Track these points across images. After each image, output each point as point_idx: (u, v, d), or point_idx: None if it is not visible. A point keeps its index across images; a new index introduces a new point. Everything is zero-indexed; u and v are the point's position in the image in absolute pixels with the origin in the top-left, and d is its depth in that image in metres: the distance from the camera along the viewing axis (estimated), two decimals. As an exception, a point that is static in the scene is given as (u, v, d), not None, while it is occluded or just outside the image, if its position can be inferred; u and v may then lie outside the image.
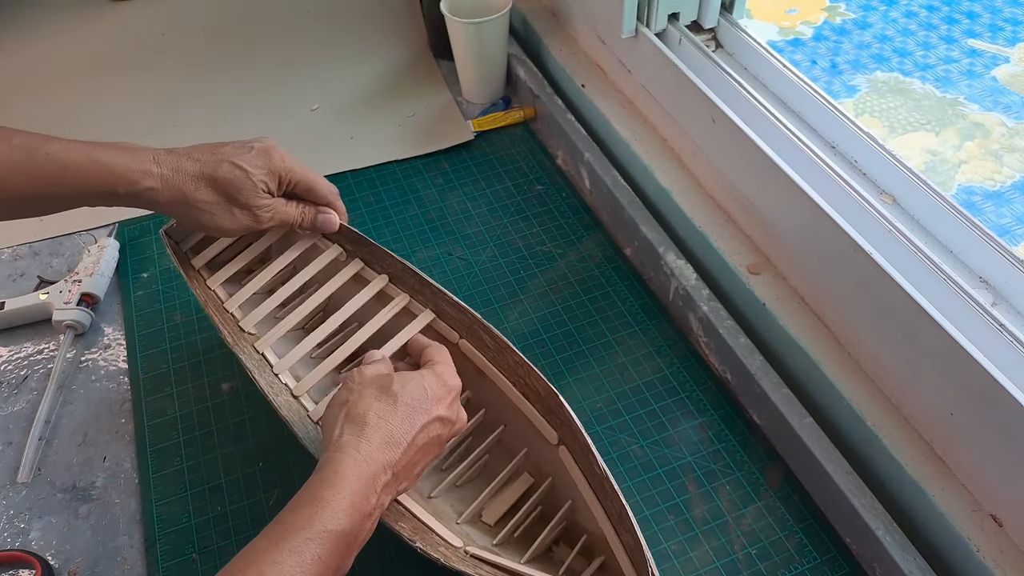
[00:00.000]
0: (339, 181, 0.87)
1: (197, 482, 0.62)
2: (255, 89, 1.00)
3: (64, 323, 0.71)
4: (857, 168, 0.67)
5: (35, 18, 1.13)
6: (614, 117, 0.84)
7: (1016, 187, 1.45)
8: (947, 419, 0.53)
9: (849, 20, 1.87)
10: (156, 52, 1.07)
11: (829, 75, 1.71)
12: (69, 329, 0.71)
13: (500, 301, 0.74)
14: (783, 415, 0.60)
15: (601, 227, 0.81)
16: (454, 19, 0.88)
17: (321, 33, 1.09)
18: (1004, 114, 1.60)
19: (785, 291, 0.67)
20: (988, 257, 0.56)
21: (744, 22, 0.78)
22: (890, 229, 0.58)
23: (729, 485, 0.61)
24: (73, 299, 0.72)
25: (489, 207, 0.84)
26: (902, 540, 0.53)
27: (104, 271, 0.75)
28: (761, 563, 0.57)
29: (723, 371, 0.68)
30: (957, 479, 0.54)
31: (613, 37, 0.84)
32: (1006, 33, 1.81)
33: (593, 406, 0.66)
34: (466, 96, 0.97)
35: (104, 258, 0.76)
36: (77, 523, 0.61)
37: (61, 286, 0.73)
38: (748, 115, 0.69)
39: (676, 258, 0.72)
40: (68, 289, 0.73)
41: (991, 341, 0.51)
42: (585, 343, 0.71)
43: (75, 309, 0.72)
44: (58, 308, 0.72)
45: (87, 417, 0.67)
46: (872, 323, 0.58)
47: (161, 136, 0.93)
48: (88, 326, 0.73)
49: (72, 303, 0.72)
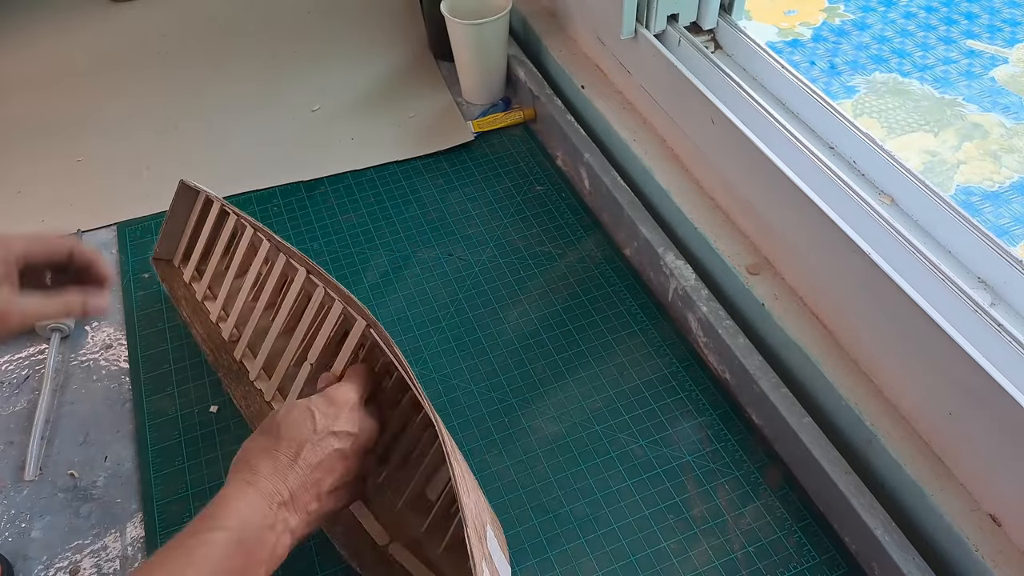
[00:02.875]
0: (339, 181, 0.87)
1: (198, 482, 0.62)
2: (256, 90, 1.00)
3: (48, 326, 0.71)
4: (856, 169, 0.67)
5: (35, 18, 1.14)
6: (613, 118, 0.84)
7: (1014, 187, 1.46)
8: (946, 419, 0.54)
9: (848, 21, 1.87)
10: (156, 52, 1.07)
11: (828, 76, 1.72)
12: (55, 332, 0.72)
13: (500, 301, 0.75)
14: (782, 415, 0.60)
15: (601, 227, 0.81)
16: (454, 20, 0.89)
17: (322, 34, 1.09)
18: (1003, 115, 1.61)
19: (784, 291, 0.67)
20: (986, 257, 0.56)
21: (743, 23, 0.79)
22: (889, 230, 0.58)
23: (728, 484, 0.61)
24: None
25: (489, 207, 0.84)
26: (901, 539, 0.53)
27: None
28: (760, 562, 0.57)
29: (722, 371, 0.68)
30: (956, 478, 0.54)
31: (612, 38, 0.84)
32: (1004, 34, 1.82)
33: (593, 406, 0.66)
34: (466, 97, 0.98)
35: None
36: (78, 523, 0.61)
37: None
38: (747, 116, 0.69)
39: (675, 258, 0.72)
40: None
41: (989, 341, 0.51)
42: (585, 343, 0.71)
43: None
44: None
45: (88, 417, 0.67)
46: (870, 323, 0.58)
47: (162, 136, 0.93)
48: (72, 327, 0.73)
49: None
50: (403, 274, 0.77)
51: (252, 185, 0.87)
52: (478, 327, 0.72)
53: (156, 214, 0.84)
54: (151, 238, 0.81)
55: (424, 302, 0.75)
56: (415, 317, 0.74)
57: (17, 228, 0.82)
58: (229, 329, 0.69)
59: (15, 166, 0.90)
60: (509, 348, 0.71)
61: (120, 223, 0.83)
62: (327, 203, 0.85)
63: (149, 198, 0.85)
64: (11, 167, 0.90)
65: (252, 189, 0.86)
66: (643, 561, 0.57)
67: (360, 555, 0.55)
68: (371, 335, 0.57)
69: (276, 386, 0.64)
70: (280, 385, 0.64)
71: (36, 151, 0.92)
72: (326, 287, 0.61)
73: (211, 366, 0.68)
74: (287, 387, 0.63)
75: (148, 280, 0.77)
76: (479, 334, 0.72)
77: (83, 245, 0.61)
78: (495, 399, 0.67)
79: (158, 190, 0.86)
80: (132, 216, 0.84)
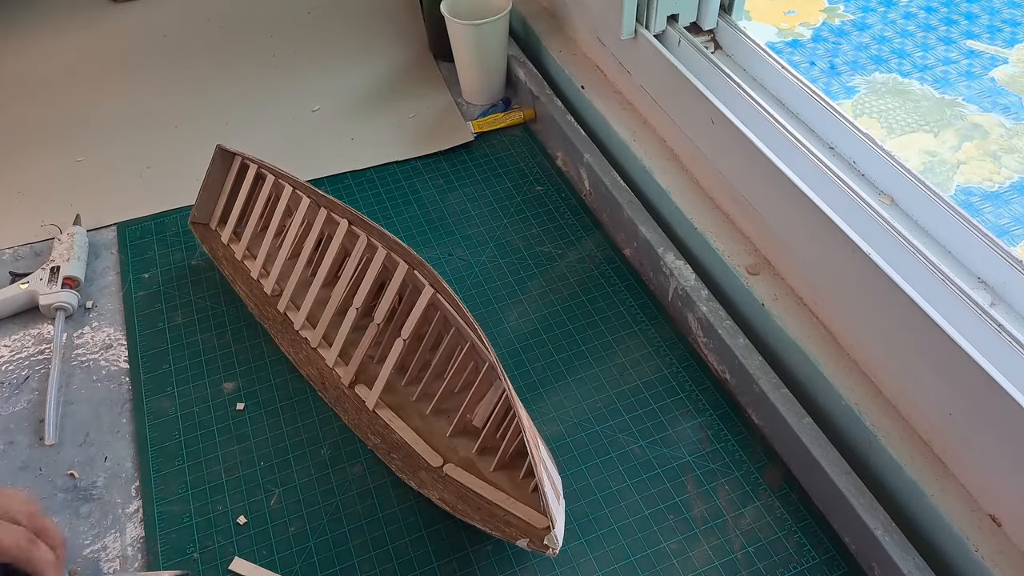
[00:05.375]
0: (339, 181, 0.87)
1: (198, 482, 0.62)
2: (256, 90, 1.00)
3: (53, 306, 0.73)
4: (856, 169, 0.67)
5: (35, 18, 1.14)
6: (613, 118, 0.84)
7: (1014, 188, 1.46)
8: (946, 419, 0.54)
9: (848, 22, 1.87)
10: (157, 53, 1.07)
11: (828, 76, 1.72)
12: (59, 311, 0.73)
13: (500, 301, 0.75)
14: (782, 415, 0.60)
15: (600, 228, 0.81)
16: (454, 20, 0.89)
17: (322, 34, 1.09)
18: (1003, 115, 1.61)
19: (784, 291, 0.67)
20: (986, 257, 0.56)
21: (743, 23, 0.79)
22: (889, 230, 0.58)
23: (728, 485, 0.61)
24: (56, 283, 0.74)
25: (489, 208, 0.84)
26: (901, 540, 0.53)
27: (80, 255, 0.77)
28: (760, 562, 0.57)
29: (722, 371, 0.68)
30: (956, 479, 0.54)
31: (612, 39, 0.84)
32: (1004, 34, 1.82)
33: (593, 406, 0.66)
34: (466, 97, 0.98)
35: (77, 243, 0.78)
36: (78, 523, 0.61)
37: (39, 274, 0.75)
38: (747, 116, 0.69)
39: (675, 258, 0.72)
40: (46, 276, 0.75)
41: (989, 341, 0.51)
42: (585, 343, 0.71)
43: (62, 291, 0.73)
44: (43, 293, 0.73)
45: (88, 417, 0.67)
46: (870, 323, 0.58)
47: (162, 136, 0.93)
48: (76, 306, 0.74)
49: (56, 287, 0.74)
50: (403, 274, 0.77)
51: (252, 185, 0.87)
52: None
53: (156, 214, 0.84)
54: (152, 238, 0.81)
55: (424, 302, 0.75)
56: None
57: (18, 228, 0.83)
58: (271, 285, 0.73)
59: (15, 166, 0.90)
60: (509, 348, 0.71)
61: (120, 223, 0.83)
62: (327, 203, 0.85)
63: (149, 198, 0.85)
64: (11, 167, 0.90)
65: (252, 189, 0.86)
66: (643, 561, 0.57)
67: (417, 476, 0.59)
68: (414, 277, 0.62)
69: (322, 334, 0.69)
70: (325, 333, 0.69)
71: (36, 151, 0.92)
72: (368, 235, 0.66)
73: (256, 319, 0.72)
74: (332, 335, 0.68)
75: (148, 280, 0.77)
76: (479, 334, 0.72)
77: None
78: (495, 399, 0.67)
79: (158, 190, 0.86)
80: (132, 216, 0.84)
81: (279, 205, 0.73)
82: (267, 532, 0.59)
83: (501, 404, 0.60)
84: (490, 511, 0.56)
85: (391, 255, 0.64)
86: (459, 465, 0.60)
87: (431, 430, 0.63)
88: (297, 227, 0.72)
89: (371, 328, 0.65)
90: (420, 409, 0.64)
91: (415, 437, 0.62)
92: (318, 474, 0.62)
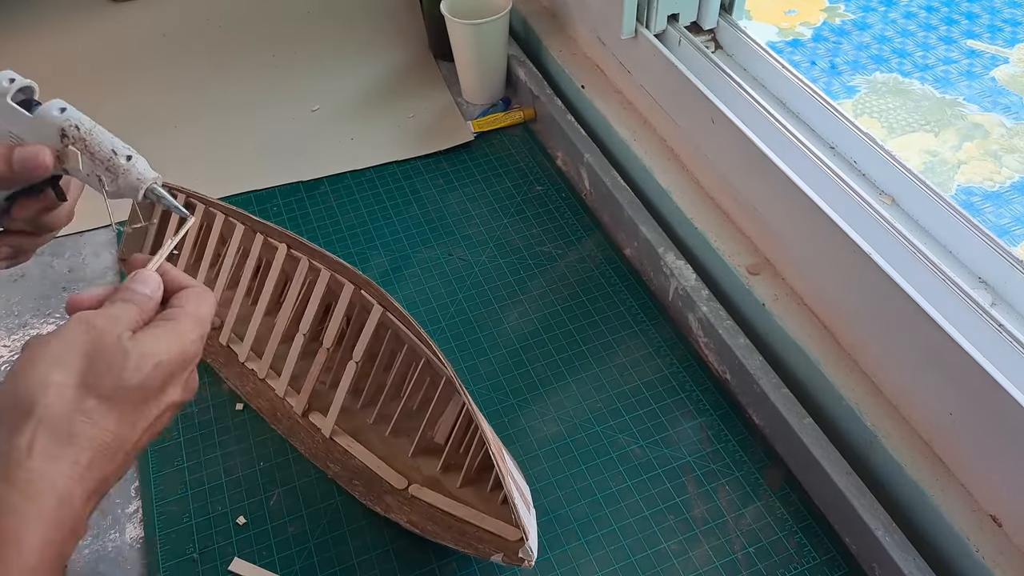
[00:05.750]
0: (339, 181, 0.87)
1: (197, 482, 0.62)
2: (256, 90, 1.00)
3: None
4: (856, 169, 0.67)
5: (35, 18, 1.13)
6: (614, 118, 0.84)
7: (1015, 187, 1.46)
8: (946, 419, 0.54)
9: (848, 21, 1.87)
10: (156, 53, 1.07)
11: (828, 76, 1.72)
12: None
13: (500, 301, 0.75)
14: (782, 415, 0.60)
15: (601, 228, 0.81)
16: (454, 20, 0.89)
17: (322, 34, 1.09)
18: (1003, 115, 1.60)
19: (784, 291, 0.67)
20: (987, 257, 0.56)
21: (743, 23, 0.78)
22: (889, 230, 0.58)
23: (728, 485, 0.61)
24: None
25: (489, 208, 0.84)
26: (901, 540, 0.53)
27: None
28: (760, 563, 0.57)
29: (722, 371, 0.68)
30: (956, 479, 0.54)
31: (613, 38, 0.84)
32: (1005, 34, 1.81)
33: (593, 406, 0.66)
34: (466, 97, 0.98)
35: None
36: (78, 523, 0.61)
37: None
38: (747, 116, 0.69)
39: (676, 258, 0.72)
40: None
41: (990, 341, 0.51)
42: (585, 343, 0.71)
43: None
44: None
45: (88, 417, 0.67)
46: (871, 323, 0.58)
47: (162, 136, 0.93)
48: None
49: None
50: (403, 274, 0.77)
51: (252, 185, 0.87)
52: (478, 327, 0.72)
53: (156, 214, 0.84)
54: (151, 238, 0.81)
55: (424, 302, 0.75)
56: (415, 317, 0.73)
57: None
58: None
59: (15, 166, 0.90)
60: (509, 348, 0.71)
61: (120, 223, 0.83)
62: (327, 203, 0.85)
63: (149, 198, 0.85)
64: (11, 167, 0.90)
65: (252, 189, 0.86)
66: (643, 562, 0.57)
67: (382, 500, 0.58)
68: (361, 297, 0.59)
69: (269, 364, 0.66)
70: (273, 363, 0.66)
71: (36, 151, 0.92)
72: (311, 258, 0.63)
73: None
74: (280, 364, 0.65)
75: (148, 280, 0.77)
76: (479, 334, 0.72)
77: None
78: (495, 399, 0.67)
79: (158, 190, 0.86)
80: (132, 216, 0.83)
81: (212, 234, 0.69)
82: (267, 532, 0.59)
83: (462, 418, 0.58)
84: (461, 529, 0.55)
85: (335, 276, 0.61)
86: (424, 484, 0.58)
87: (392, 452, 0.61)
88: (233, 255, 0.68)
89: (320, 353, 0.62)
90: (379, 432, 0.62)
91: (376, 461, 0.60)
92: (318, 475, 0.62)
